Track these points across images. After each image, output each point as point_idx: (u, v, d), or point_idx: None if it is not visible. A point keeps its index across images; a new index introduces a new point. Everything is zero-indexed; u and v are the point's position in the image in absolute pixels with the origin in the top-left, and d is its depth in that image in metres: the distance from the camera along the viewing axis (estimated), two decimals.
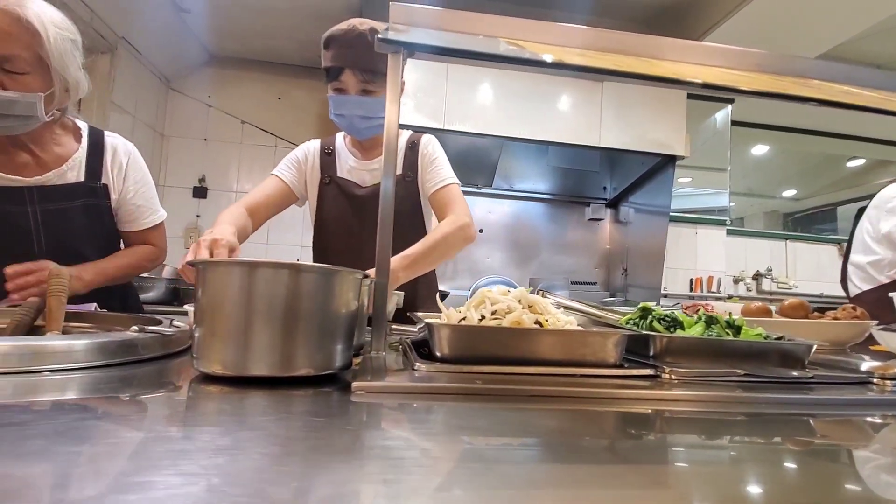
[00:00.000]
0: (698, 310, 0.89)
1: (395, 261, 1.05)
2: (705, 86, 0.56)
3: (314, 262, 1.31)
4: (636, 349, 0.70)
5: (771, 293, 3.81)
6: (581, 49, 0.59)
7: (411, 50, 0.52)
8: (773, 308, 1.13)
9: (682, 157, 2.94)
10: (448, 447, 0.38)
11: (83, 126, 1.20)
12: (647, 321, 0.77)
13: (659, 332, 0.73)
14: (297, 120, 3.39)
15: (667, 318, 0.75)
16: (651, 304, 0.79)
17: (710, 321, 0.75)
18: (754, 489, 0.37)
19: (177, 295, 2.75)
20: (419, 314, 0.78)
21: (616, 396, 0.54)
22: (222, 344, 0.54)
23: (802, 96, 0.74)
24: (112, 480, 0.29)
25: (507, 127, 2.84)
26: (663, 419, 0.53)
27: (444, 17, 0.72)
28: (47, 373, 0.54)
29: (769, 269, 3.82)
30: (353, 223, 1.26)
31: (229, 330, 0.53)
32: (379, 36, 0.51)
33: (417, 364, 0.56)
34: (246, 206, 1.18)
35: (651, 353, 0.68)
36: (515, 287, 2.52)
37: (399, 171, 1.30)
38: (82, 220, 1.14)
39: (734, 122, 3.63)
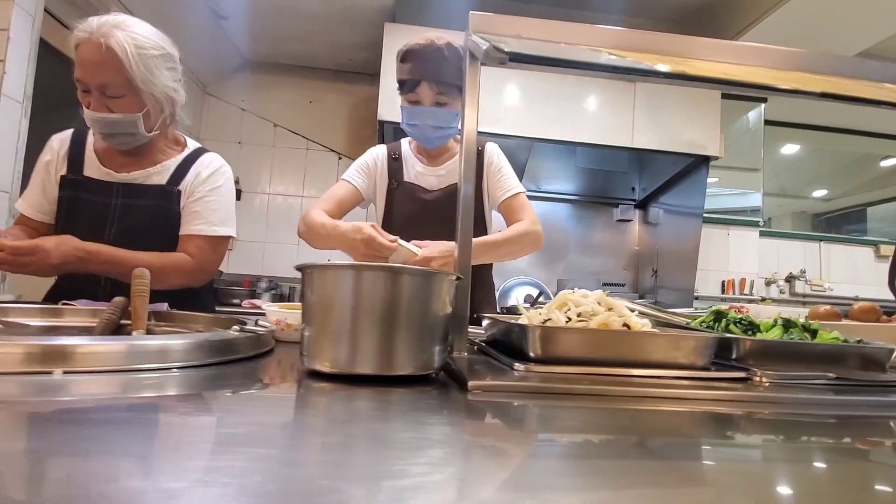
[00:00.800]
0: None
1: (477, 240, 1.14)
2: (824, 95, 0.57)
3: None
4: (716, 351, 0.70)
5: (804, 296, 3.74)
6: (676, 56, 0.60)
7: (520, 62, 0.53)
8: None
9: (717, 158, 2.90)
10: (589, 444, 0.40)
11: (193, 144, 1.30)
12: (722, 324, 0.77)
13: (736, 334, 0.74)
14: (327, 123, 3.44)
15: (743, 322, 0.76)
16: (723, 308, 0.80)
17: (788, 324, 0.75)
18: (870, 490, 0.37)
19: (214, 295, 2.81)
20: (498, 316, 0.80)
21: (715, 398, 0.55)
22: (332, 343, 0.56)
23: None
24: (220, 467, 0.31)
25: (537, 128, 2.84)
26: (760, 422, 0.53)
27: (523, 25, 0.74)
28: (175, 370, 0.56)
29: (803, 272, 3.75)
30: (420, 224, 1.30)
31: (338, 330, 0.55)
32: (494, 45, 0.53)
33: (516, 365, 0.58)
34: (324, 209, 1.27)
35: (734, 356, 0.68)
36: (544, 288, 2.51)
37: None
38: (150, 218, 1.21)
39: (766, 122, 3.58)
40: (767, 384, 0.62)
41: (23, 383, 0.45)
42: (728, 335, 0.70)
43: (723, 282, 3.43)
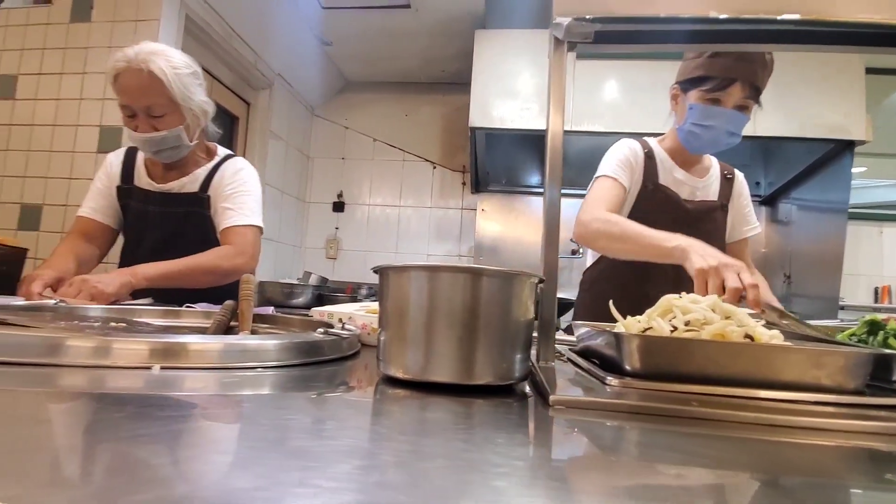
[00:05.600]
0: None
1: None
2: None
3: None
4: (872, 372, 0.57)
5: None
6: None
7: (609, 42, 0.47)
8: None
9: (863, 143, 2.46)
10: (700, 481, 0.33)
11: (223, 152, 1.42)
12: (879, 337, 0.62)
13: None
14: (422, 134, 3.54)
15: None
16: (879, 317, 0.65)
17: None
18: None
19: (321, 300, 3.01)
20: (584, 323, 0.73)
21: (871, 431, 0.44)
22: (406, 348, 0.54)
23: None
24: (288, 471, 0.29)
25: (640, 123, 2.62)
26: None
27: (615, 2, 0.67)
28: (259, 370, 0.59)
29: None
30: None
31: (413, 335, 0.53)
32: (576, 19, 0.48)
33: (609, 379, 0.51)
34: (607, 210, 1.22)
35: (894, 378, 0.54)
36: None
37: (715, 197, 1.32)
38: (183, 224, 1.33)
39: None
40: None
41: (126, 376, 0.49)
42: (888, 351, 0.56)
43: (876, 289, 2.89)
